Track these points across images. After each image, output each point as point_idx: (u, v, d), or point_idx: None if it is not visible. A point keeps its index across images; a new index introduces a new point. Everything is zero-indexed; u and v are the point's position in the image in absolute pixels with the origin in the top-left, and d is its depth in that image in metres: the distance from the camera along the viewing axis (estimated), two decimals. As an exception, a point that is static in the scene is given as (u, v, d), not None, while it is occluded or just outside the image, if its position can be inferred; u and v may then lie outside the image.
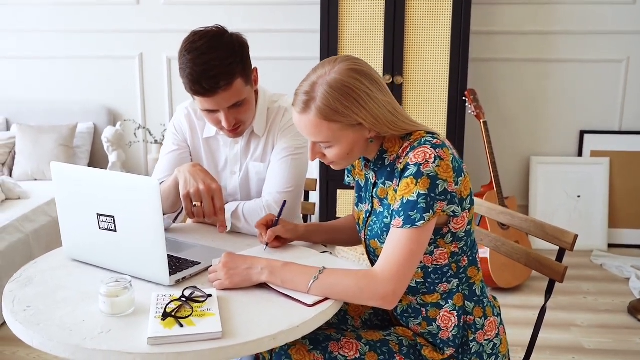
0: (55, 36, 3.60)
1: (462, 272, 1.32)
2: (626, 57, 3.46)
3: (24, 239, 2.65)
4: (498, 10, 3.44)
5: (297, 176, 1.61)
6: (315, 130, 1.22)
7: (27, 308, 1.17)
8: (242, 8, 3.46)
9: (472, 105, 3.04)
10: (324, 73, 1.20)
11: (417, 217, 1.17)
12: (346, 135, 1.22)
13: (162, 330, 1.04)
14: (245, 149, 1.67)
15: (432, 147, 1.19)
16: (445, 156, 1.19)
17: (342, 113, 1.18)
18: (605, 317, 2.65)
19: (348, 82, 1.18)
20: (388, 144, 1.29)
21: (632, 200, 3.51)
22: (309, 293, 1.19)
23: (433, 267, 1.29)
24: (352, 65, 1.21)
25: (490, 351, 1.34)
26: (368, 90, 1.19)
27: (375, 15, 3.07)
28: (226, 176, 1.70)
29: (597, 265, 3.25)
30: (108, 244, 1.30)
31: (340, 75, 1.19)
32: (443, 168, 1.18)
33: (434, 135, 1.25)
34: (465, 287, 1.33)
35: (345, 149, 1.24)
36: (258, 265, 1.24)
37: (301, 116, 1.23)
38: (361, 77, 1.19)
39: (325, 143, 1.24)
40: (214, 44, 1.45)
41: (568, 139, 3.59)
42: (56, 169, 1.33)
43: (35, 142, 3.29)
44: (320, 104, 1.18)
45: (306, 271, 1.22)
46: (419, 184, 1.17)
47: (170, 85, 3.63)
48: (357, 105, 1.18)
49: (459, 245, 1.29)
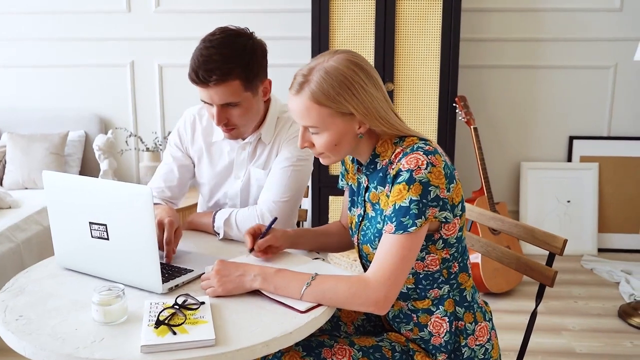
0: (45, 44, 3.59)
1: (453, 278, 1.33)
2: (614, 63, 3.50)
3: (15, 248, 2.63)
4: (486, 17, 3.47)
5: (295, 187, 1.62)
6: (305, 112, 1.24)
7: (19, 317, 1.16)
8: (234, 15, 3.47)
9: (462, 111, 3.06)
10: (323, 60, 1.24)
11: (409, 223, 1.18)
12: (335, 123, 1.24)
13: (155, 338, 1.04)
14: (251, 155, 1.68)
15: (424, 154, 1.20)
16: (437, 163, 1.20)
17: (333, 99, 1.21)
18: (596, 321, 2.67)
19: (343, 71, 1.21)
20: (380, 148, 1.30)
21: (621, 205, 3.54)
22: (302, 299, 1.20)
23: (424, 273, 1.30)
24: (351, 57, 1.24)
25: (482, 356, 1.34)
26: (362, 82, 1.22)
27: (366, 23, 3.09)
28: (230, 180, 1.71)
29: (588, 269, 3.28)
30: (100, 252, 1.30)
31: (337, 63, 1.22)
32: (435, 174, 1.19)
33: (426, 142, 1.26)
34: (456, 293, 1.33)
35: (333, 138, 1.25)
36: (251, 272, 1.25)
37: (294, 97, 1.25)
38: (357, 69, 1.22)
39: (314, 128, 1.25)
40: (226, 41, 1.49)
41: (557, 145, 3.62)
42: (48, 177, 1.33)
43: (26, 151, 3.28)
44: (314, 87, 1.21)
45: (299, 277, 1.23)
46: (411, 190, 1.18)
47: (162, 93, 3.63)
48: (349, 94, 1.21)
49: (450, 251, 1.30)
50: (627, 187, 3.53)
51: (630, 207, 3.53)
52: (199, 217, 1.71)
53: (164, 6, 3.53)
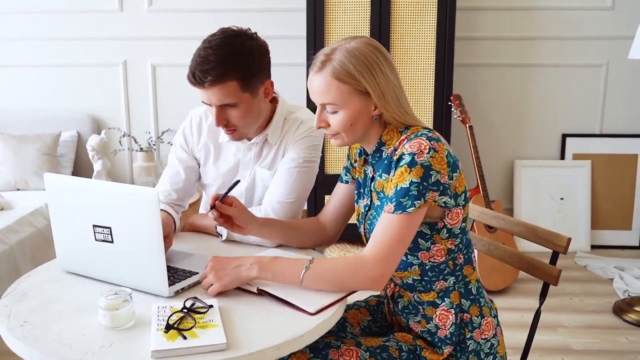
0: (37, 43, 3.55)
1: (459, 269, 1.34)
2: (606, 61, 3.53)
3: (8, 251, 2.60)
4: (480, 16, 3.48)
5: (301, 188, 1.61)
6: (326, 89, 1.28)
7: (24, 323, 1.14)
8: (227, 14, 3.45)
9: (457, 110, 3.07)
10: (345, 42, 1.29)
11: (407, 204, 1.20)
12: (353, 101, 1.28)
13: (166, 343, 1.03)
14: (257, 155, 1.67)
15: (427, 139, 1.24)
16: (440, 149, 1.23)
17: (353, 76, 1.26)
18: (591, 318, 2.70)
19: (365, 52, 1.27)
20: (386, 136, 1.33)
21: (613, 201, 3.57)
22: (301, 284, 1.21)
23: (430, 265, 1.31)
24: (372, 42, 1.30)
25: (488, 350, 1.35)
26: (381, 64, 1.27)
27: (361, 21, 3.09)
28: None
29: (581, 266, 3.30)
30: (104, 255, 1.28)
31: (359, 45, 1.28)
32: (437, 160, 1.22)
33: (430, 130, 1.29)
34: (461, 285, 1.35)
35: (350, 116, 1.28)
36: (247, 261, 1.25)
37: (315, 75, 1.30)
38: (377, 52, 1.28)
39: (332, 106, 1.29)
40: (224, 42, 1.48)
41: (551, 143, 3.64)
42: (50, 179, 1.31)
43: (18, 152, 3.23)
44: (336, 64, 1.26)
45: (296, 263, 1.24)
46: (413, 172, 1.21)
47: (155, 93, 3.60)
48: (368, 73, 1.26)
49: (455, 242, 1.31)
50: (619, 184, 3.56)
51: (622, 203, 3.57)
52: (200, 219, 1.70)
53: (156, 5, 3.50)
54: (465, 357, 1.33)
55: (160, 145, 3.60)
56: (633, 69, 3.50)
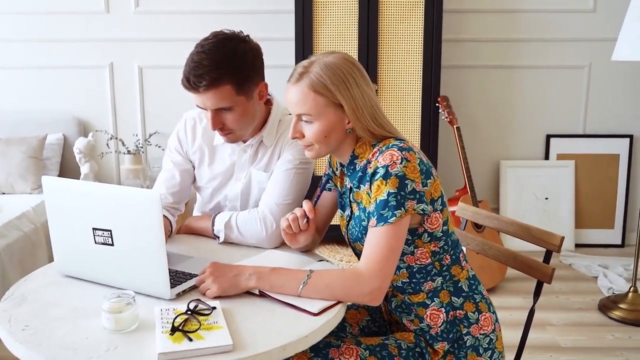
0: (22, 45, 3.50)
1: (446, 270, 1.37)
2: (588, 63, 3.59)
3: (-5, 255, 2.56)
4: (465, 18, 3.53)
5: (298, 190, 1.62)
6: (302, 98, 1.31)
7: (26, 327, 1.14)
8: (215, 16, 3.44)
9: (445, 111, 3.10)
10: (323, 56, 1.34)
11: (388, 215, 1.24)
12: (328, 113, 1.31)
13: (172, 345, 1.03)
14: (252, 157, 1.68)
15: (398, 150, 1.27)
16: (411, 158, 1.26)
17: (328, 89, 1.29)
18: (578, 316, 2.75)
19: (341, 66, 1.31)
20: (359, 149, 1.36)
21: (596, 201, 3.64)
22: (299, 296, 1.23)
23: (417, 267, 1.34)
24: (348, 57, 1.35)
25: (487, 345, 1.38)
26: (357, 78, 1.32)
27: (349, 24, 3.11)
28: (231, 182, 1.70)
29: (567, 265, 3.36)
30: (104, 259, 1.28)
31: (335, 59, 1.32)
32: (410, 169, 1.25)
33: (401, 140, 1.33)
34: (449, 284, 1.37)
35: (324, 128, 1.32)
36: (245, 272, 1.27)
37: (293, 86, 1.33)
38: (353, 66, 1.33)
39: (307, 116, 1.32)
40: (217, 46, 1.49)
41: (535, 143, 3.70)
42: (47, 182, 1.31)
43: (3, 155, 3.19)
44: (313, 77, 1.30)
45: (295, 276, 1.25)
46: (389, 184, 1.24)
47: (142, 95, 3.57)
48: (343, 87, 1.30)
49: (439, 244, 1.34)
50: (602, 183, 3.63)
51: (605, 203, 3.64)
52: (196, 221, 1.70)
53: (143, 7, 3.48)
54: (464, 353, 1.35)
55: (147, 148, 3.58)
56: (615, 70, 3.58)
